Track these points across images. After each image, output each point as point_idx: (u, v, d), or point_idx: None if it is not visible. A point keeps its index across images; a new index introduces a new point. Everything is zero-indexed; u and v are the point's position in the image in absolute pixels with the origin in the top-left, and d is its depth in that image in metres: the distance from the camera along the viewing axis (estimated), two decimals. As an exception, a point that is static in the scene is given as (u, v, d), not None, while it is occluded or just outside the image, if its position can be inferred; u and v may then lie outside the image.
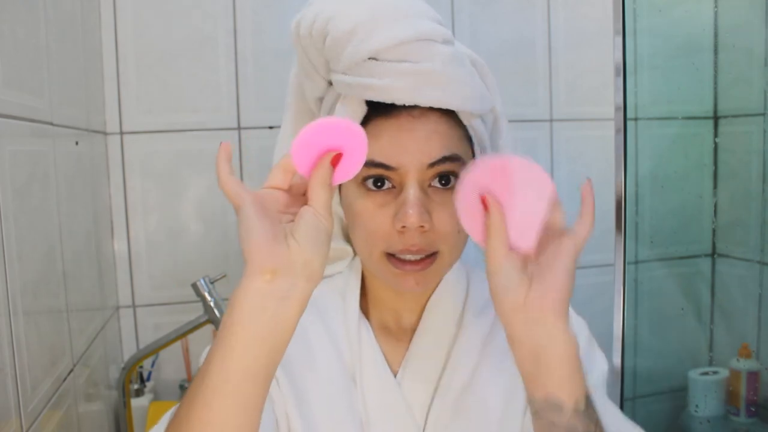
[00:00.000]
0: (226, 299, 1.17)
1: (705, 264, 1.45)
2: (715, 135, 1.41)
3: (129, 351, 1.35)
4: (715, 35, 1.35)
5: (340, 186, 0.69)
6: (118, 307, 1.35)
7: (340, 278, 0.79)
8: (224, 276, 1.19)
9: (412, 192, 0.63)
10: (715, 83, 1.37)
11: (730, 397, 1.34)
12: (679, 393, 1.39)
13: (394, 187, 0.65)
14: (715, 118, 1.41)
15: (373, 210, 0.65)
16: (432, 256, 0.65)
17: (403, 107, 0.64)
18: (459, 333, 0.73)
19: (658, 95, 1.36)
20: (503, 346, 0.72)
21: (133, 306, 1.37)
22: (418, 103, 0.64)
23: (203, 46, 1.35)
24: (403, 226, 0.62)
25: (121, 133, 1.34)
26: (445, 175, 0.65)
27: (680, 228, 1.45)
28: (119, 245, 1.35)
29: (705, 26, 1.35)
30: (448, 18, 1.47)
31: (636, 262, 1.32)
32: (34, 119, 0.86)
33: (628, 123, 1.12)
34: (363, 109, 0.66)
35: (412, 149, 0.63)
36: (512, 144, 0.77)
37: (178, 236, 1.37)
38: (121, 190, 1.34)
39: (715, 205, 1.40)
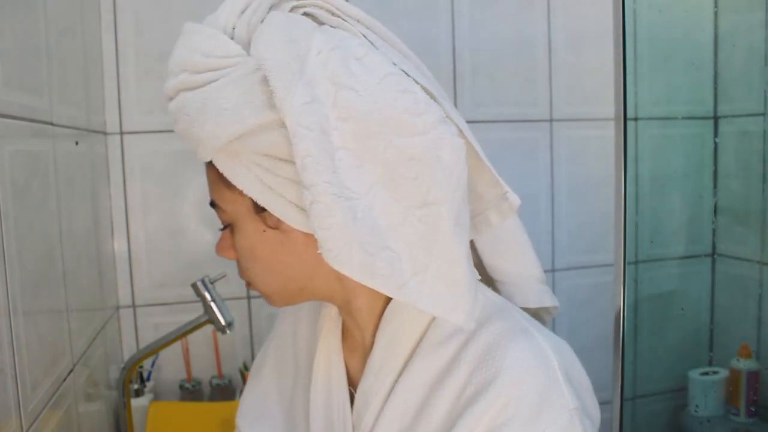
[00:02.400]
0: (226, 299, 1.17)
1: (705, 264, 1.45)
2: (715, 135, 1.41)
3: (129, 351, 1.35)
4: (715, 35, 1.35)
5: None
6: (118, 307, 1.35)
7: None
8: (224, 276, 1.18)
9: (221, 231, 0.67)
10: (715, 83, 1.37)
11: (730, 397, 1.34)
12: (679, 393, 1.39)
13: None
14: (715, 118, 1.41)
15: None
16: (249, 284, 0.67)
17: None
18: (412, 356, 0.63)
19: (658, 95, 1.36)
20: (460, 385, 0.59)
21: (133, 306, 1.37)
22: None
23: (203, 46, 1.35)
24: None
25: (121, 133, 1.34)
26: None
27: (680, 228, 1.45)
28: (119, 245, 1.35)
29: (705, 26, 1.35)
30: (448, 18, 1.47)
31: (636, 262, 1.32)
32: (34, 119, 0.86)
33: (628, 123, 1.12)
34: None
35: None
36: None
37: (178, 236, 1.37)
38: (121, 190, 1.34)
39: (715, 205, 1.40)
